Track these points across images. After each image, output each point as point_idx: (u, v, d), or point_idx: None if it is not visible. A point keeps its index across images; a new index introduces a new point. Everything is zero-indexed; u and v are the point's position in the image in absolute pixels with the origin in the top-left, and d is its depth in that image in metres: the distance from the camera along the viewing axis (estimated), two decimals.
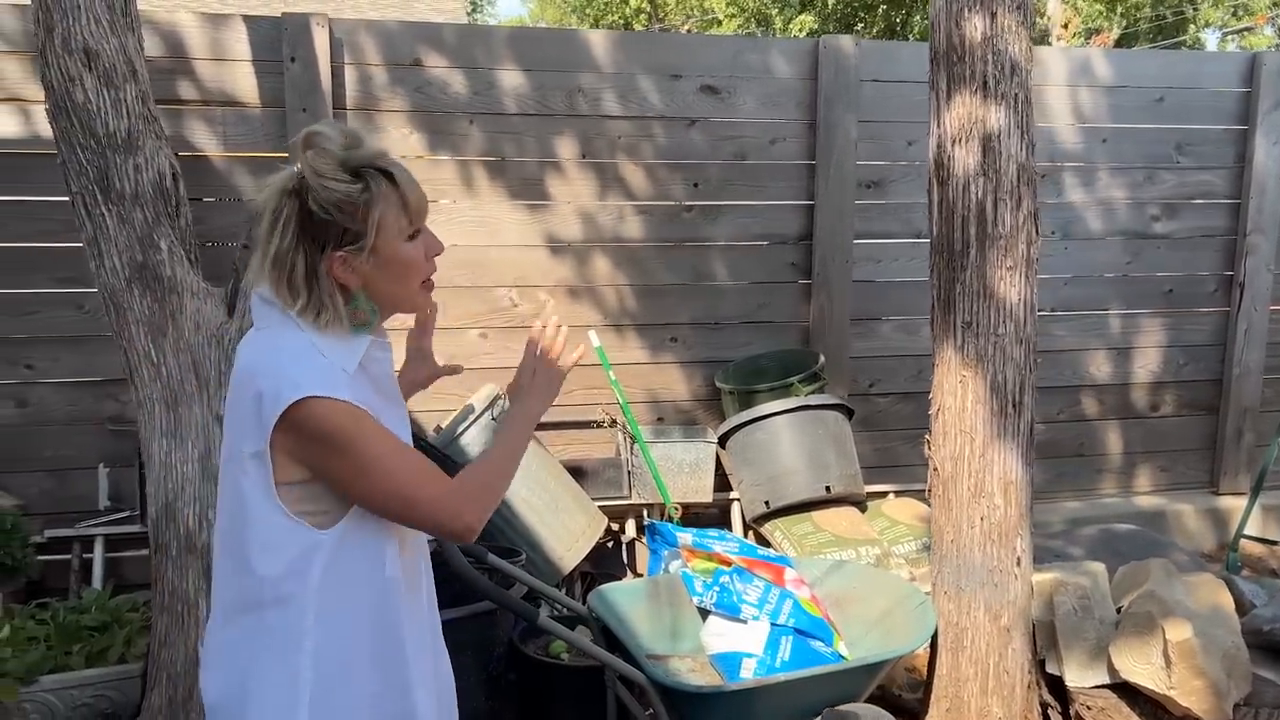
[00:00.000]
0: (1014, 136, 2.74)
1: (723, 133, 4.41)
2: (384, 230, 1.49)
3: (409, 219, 1.52)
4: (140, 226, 2.78)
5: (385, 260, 1.51)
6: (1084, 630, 2.93)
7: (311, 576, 1.48)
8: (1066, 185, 4.79)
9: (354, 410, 1.44)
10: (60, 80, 2.70)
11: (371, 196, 1.47)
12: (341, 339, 1.50)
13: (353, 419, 1.44)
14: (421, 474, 1.50)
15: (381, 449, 1.46)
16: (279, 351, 1.48)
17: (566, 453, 4.29)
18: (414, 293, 1.58)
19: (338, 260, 1.48)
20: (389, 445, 1.47)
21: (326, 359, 1.47)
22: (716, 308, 4.50)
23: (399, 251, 1.52)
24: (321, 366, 1.46)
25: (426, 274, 1.59)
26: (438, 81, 4.11)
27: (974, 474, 2.85)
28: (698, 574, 3.03)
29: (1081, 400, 4.95)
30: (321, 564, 1.48)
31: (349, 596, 1.51)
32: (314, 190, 1.45)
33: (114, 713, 3.08)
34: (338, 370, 1.47)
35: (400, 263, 1.53)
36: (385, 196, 1.49)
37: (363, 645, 1.52)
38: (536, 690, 3.24)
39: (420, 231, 1.55)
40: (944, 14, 2.76)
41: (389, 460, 1.46)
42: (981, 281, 2.79)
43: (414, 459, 1.51)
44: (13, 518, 3.52)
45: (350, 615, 1.51)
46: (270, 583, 1.47)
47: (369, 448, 1.45)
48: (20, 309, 3.85)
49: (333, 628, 1.49)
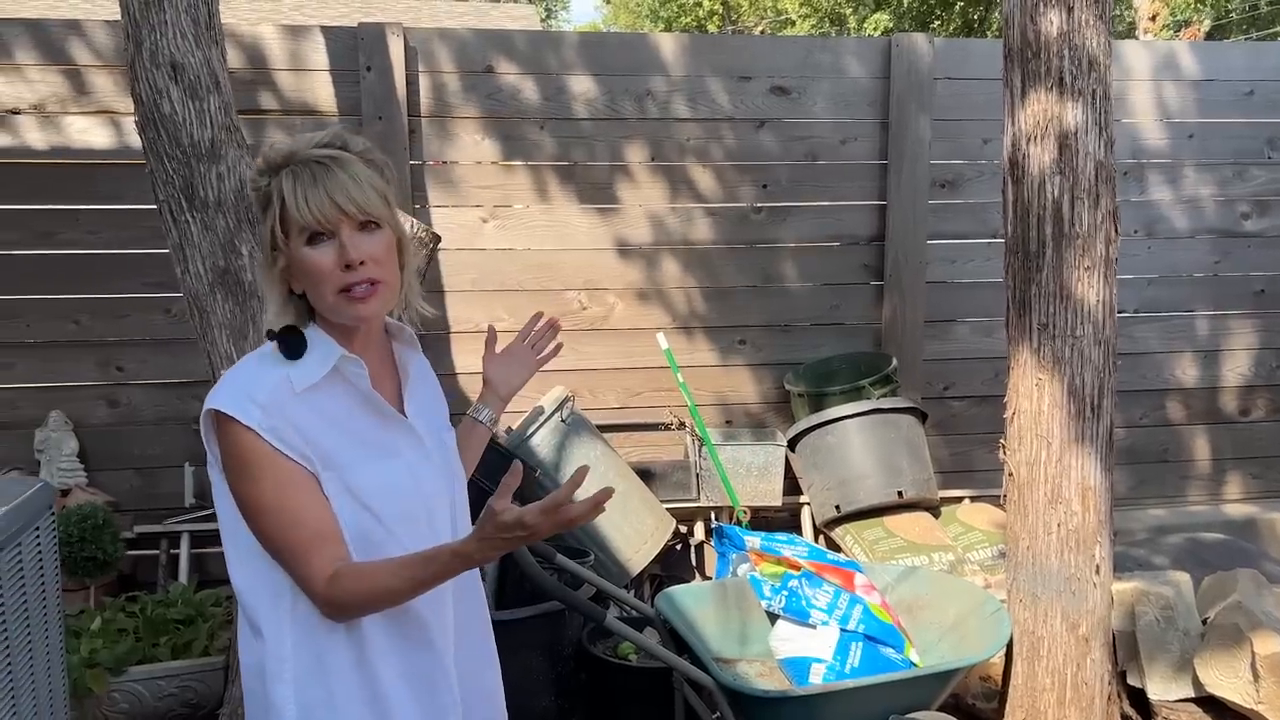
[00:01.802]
0: (1092, 133, 2.67)
1: (793, 133, 4.38)
2: (285, 231, 1.42)
3: (297, 220, 1.40)
4: (223, 233, 2.87)
5: (295, 263, 1.43)
6: (1167, 642, 2.84)
7: (283, 600, 1.42)
8: (1151, 183, 4.65)
9: (256, 444, 1.36)
10: (148, 93, 2.80)
11: (270, 191, 1.43)
12: (315, 349, 1.45)
13: (251, 452, 1.36)
14: (297, 549, 1.38)
15: (267, 502, 1.37)
16: (241, 363, 1.48)
17: (635, 455, 4.30)
18: (330, 303, 1.44)
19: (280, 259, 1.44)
20: (276, 503, 1.37)
21: (280, 373, 1.41)
22: (786, 310, 4.47)
23: (301, 256, 1.42)
24: (251, 384, 1.40)
25: (341, 282, 1.42)
26: (509, 88, 4.16)
27: (1050, 479, 2.79)
28: (766, 578, 3.02)
29: (1166, 404, 4.80)
30: (288, 590, 1.41)
31: (323, 629, 1.42)
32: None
33: (198, 703, 3.18)
34: (269, 387, 1.39)
35: (305, 267, 1.42)
36: (276, 193, 1.42)
37: (346, 679, 1.44)
38: (605, 691, 3.26)
39: (324, 236, 1.41)
40: (1019, 9, 2.71)
41: (269, 517, 1.38)
42: (1058, 282, 2.73)
43: (296, 532, 1.38)
44: (105, 513, 3.66)
45: (329, 645, 1.43)
46: (247, 599, 1.44)
47: (256, 495, 1.38)
48: (112, 313, 4.01)
49: (310, 658, 1.42)
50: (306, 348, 1.45)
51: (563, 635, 3.24)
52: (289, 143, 1.44)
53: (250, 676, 1.47)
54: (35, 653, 1.79)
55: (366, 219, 1.43)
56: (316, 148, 1.43)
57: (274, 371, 1.42)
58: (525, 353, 1.89)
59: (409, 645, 1.49)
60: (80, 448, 3.97)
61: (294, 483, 1.38)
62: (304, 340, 1.46)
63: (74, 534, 3.53)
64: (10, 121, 3.88)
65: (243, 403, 1.37)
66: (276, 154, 1.43)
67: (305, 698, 1.42)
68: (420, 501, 1.52)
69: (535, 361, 1.89)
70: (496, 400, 1.83)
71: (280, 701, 1.41)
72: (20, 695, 1.71)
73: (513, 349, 1.89)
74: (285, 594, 1.42)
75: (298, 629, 1.42)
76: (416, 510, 1.51)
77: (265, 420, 1.37)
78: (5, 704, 1.64)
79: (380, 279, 1.44)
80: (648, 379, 4.34)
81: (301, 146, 1.43)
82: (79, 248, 3.97)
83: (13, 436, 3.94)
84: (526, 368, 1.88)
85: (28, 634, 1.76)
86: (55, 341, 3.98)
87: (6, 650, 1.67)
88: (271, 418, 1.37)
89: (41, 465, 3.92)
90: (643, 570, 3.79)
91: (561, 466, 3.71)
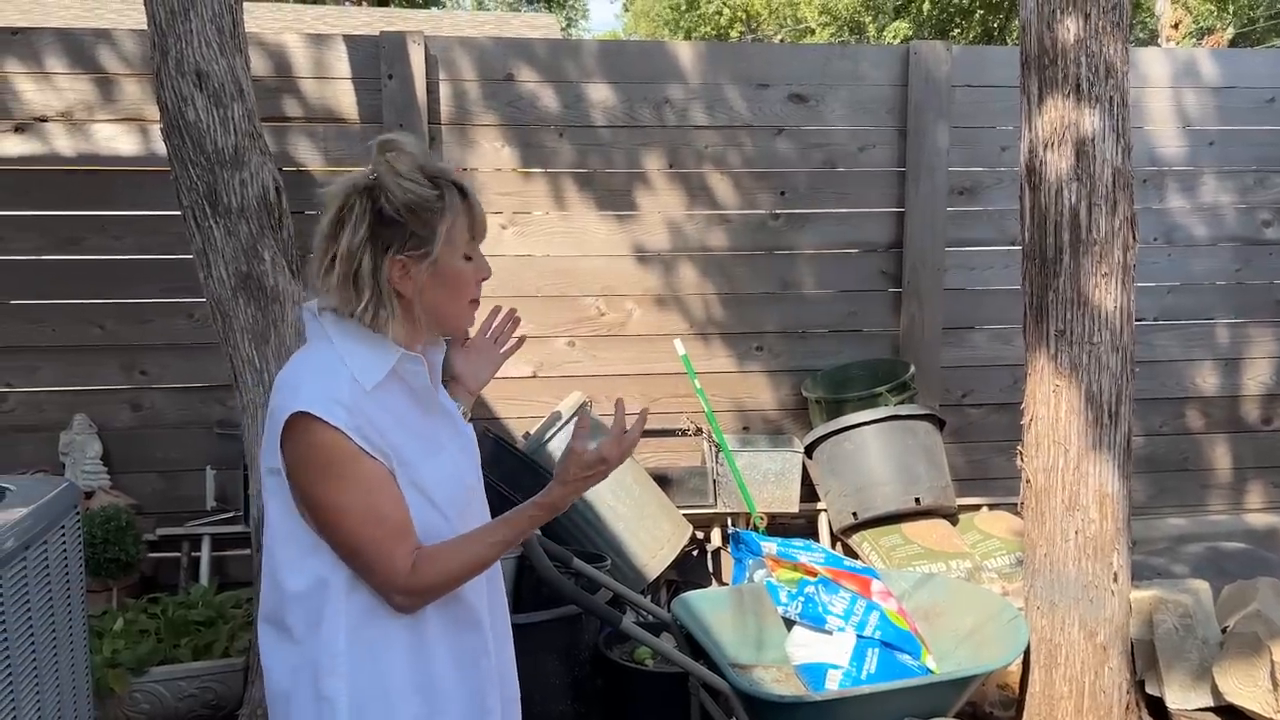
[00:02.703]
0: (1109, 140, 2.67)
1: (811, 141, 4.39)
2: (449, 242, 1.48)
3: (472, 235, 1.52)
4: (245, 239, 2.91)
5: (442, 272, 1.48)
6: (1186, 650, 2.83)
7: (338, 599, 1.45)
8: (1170, 190, 4.63)
9: (343, 444, 1.39)
10: (173, 100, 2.85)
11: (444, 205, 1.47)
12: (374, 349, 1.47)
13: (337, 452, 1.39)
14: (383, 545, 1.42)
15: (352, 501, 1.40)
16: (302, 365, 1.49)
17: (652, 460, 4.31)
18: (462, 309, 1.55)
19: (398, 265, 1.45)
20: (363, 501, 1.41)
21: (346, 373, 1.44)
22: (804, 316, 4.47)
23: (456, 266, 1.50)
24: (330, 385, 1.42)
25: (474, 294, 1.55)
26: (529, 96, 4.20)
27: (1068, 486, 2.78)
28: (783, 584, 3.02)
29: (1185, 413, 4.76)
30: (343, 588, 1.45)
31: (377, 623, 1.47)
32: (389, 190, 1.43)
33: (218, 704, 3.21)
34: (347, 387, 1.43)
35: (456, 277, 1.51)
36: (456, 208, 1.48)
37: (399, 671, 1.48)
38: (621, 695, 3.26)
39: (476, 253, 1.54)
40: (1035, 16, 2.71)
41: (354, 516, 1.41)
42: (1075, 289, 2.72)
43: (381, 528, 1.42)
44: (128, 515, 3.71)
45: (383, 641, 1.47)
46: (299, 601, 1.46)
47: (340, 494, 1.40)
48: (136, 318, 4.06)
49: (366, 653, 1.46)
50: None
51: (579, 639, 3.25)
52: (433, 159, 1.52)
53: (286, 677, 1.48)
54: (60, 649, 1.82)
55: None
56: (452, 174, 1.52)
57: (341, 371, 1.44)
58: (490, 347, 1.94)
59: (459, 628, 1.55)
60: (104, 450, 4.02)
61: (379, 480, 1.43)
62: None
63: (97, 535, 3.58)
64: (39, 128, 3.94)
65: (328, 404, 1.40)
66: (438, 164, 1.50)
67: (359, 690, 1.45)
68: (465, 491, 1.59)
69: (499, 355, 1.94)
70: (466, 395, 1.87)
71: (333, 694, 1.44)
72: (45, 691, 1.74)
73: (476, 343, 1.93)
74: (341, 589, 1.45)
75: (351, 622, 1.45)
76: (463, 499, 1.58)
77: (350, 420, 1.40)
78: (31, 699, 1.67)
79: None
80: (665, 385, 4.35)
81: (447, 168, 1.52)
82: (104, 253, 4.03)
83: (38, 439, 3.99)
84: (492, 362, 1.93)
85: (53, 631, 1.79)
86: (80, 346, 4.03)
87: (33, 647, 1.70)
88: (355, 417, 1.41)
89: (66, 467, 3.97)
90: (659, 576, 3.80)
91: None
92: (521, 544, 2.39)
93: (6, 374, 4.01)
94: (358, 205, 1.45)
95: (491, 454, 3.45)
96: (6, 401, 4.02)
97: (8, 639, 1.58)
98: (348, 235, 1.44)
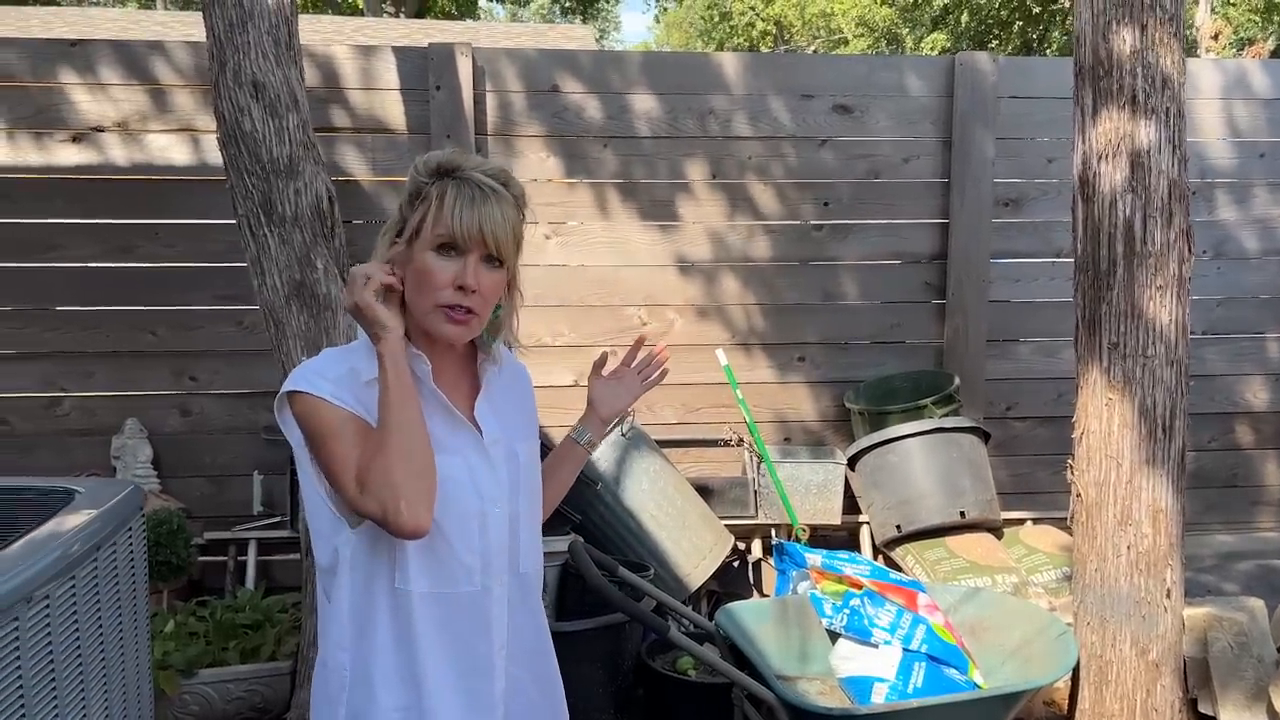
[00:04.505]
0: (1165, 151, 2.65)
1: (855, 151, 4.38)
2: (422, 229, 1.48)
3: (442, 227, 1.47)
4: (299, 247, 2.95)
5: (414, 262, 1.49)
6: (1241, 669, 2.78)
7: (344, 574, 1.49)
8: (1219, 203, 4.57)
9: (324, 407, 1.43)
10: (231, 110, 2.90)
11: (428, 193, 1.49)
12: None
13: (321, 411, 1.43)
14: (350, 459, 1.42)
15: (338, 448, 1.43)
16: (315, 357, 1.56)
17: (693, 471, 4.31)
18: (427, 310, 1.50)
19: (394, 250, 1.51)
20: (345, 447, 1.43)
21: (348, 363, 1.49)
22: (846, 327, 4.46)
23: (423, 258, 1.48)
24: (324, 367, 1.48)
25: (447, 300, 1.48)
26: (574, 106, 4.22)
27: (1120, 500, 2.75)
28: (827, 596, 3.00)
29: (1235, 428, 4.69)
30: (349, 563, 1.49)
31: (372, 603, 1.49)
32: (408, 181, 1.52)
33: (265, 707, 3.25)
34: (341, 371, 1.48)
35: (420, 270, 1.48)
36: (435, 196, 1.48)
37: (387, 657, 1.49)
38: (663, 705, 3.26)
39: (454, 251, 1.48)
40: (1090, 28, 2.70)
41: (332, 444, 1.43)
42: (1129, 301, 2.70)
43: (351, 450, 1.43)
44: (178, 519, 3.76)
45: (375, 623, 1.49)
46: (324, 573, 1.52)
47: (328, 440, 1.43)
48: (187, 324, 4.12)
49: (363, 633, 1.49)
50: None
51: (623, 648, 3.26)
52: (457, 155, 1.52)
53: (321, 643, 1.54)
54: (126, 650, 1.85)
55: (495, 255, 1.50)
56: (483, 173, 1.50)
57: (343, 363, 1.50)
58: (631, 378, 1.91)
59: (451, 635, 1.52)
60: (154, 455, 4.08)
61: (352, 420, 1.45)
62: None
63: (149, 539, 3.62)
64: (94, 138, 4.03)
65: (313, 380, 1.45)
66: (446, 160, 1.51)
67: (357, 665, 1.48)
68: (476, 502, 1.54)
69: (641, 387, 1.92)
70: (597, 422, 1.85)
71: (338, 666, 1.49)
72: (112, 691, 1.77)
73: (620, 373, 1.91)
74: (347, 565, 1.49)
75: (353, 599, 1.49)
76: (469, 509, 1.53)
77: (335, 391, 1.45)
78: (99, 697, 1.70)
79: (478, 312, 1.51)
80: (707, 395, 4.35)
81: (469, 164, 1.50)
82: (156, 261, 4.10)
83: (91, 443, 4.07)
84: (631, 393, 1.90)
85: (120, 632, 1.82)
86: (132, 351, 4.11)
87: (101, 648, 1.73)
88: (341, 390, 1.45)
89: (118, 471, 4.04)
90: (701, 586, 3.79)
91: (622, 480, 3.74)
92: (568, 551, 2.41)
93: (61, 379, 4.09)
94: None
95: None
96: (61, 406, 4.09)
97: (80, 640, 1.61)
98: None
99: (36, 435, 4.08)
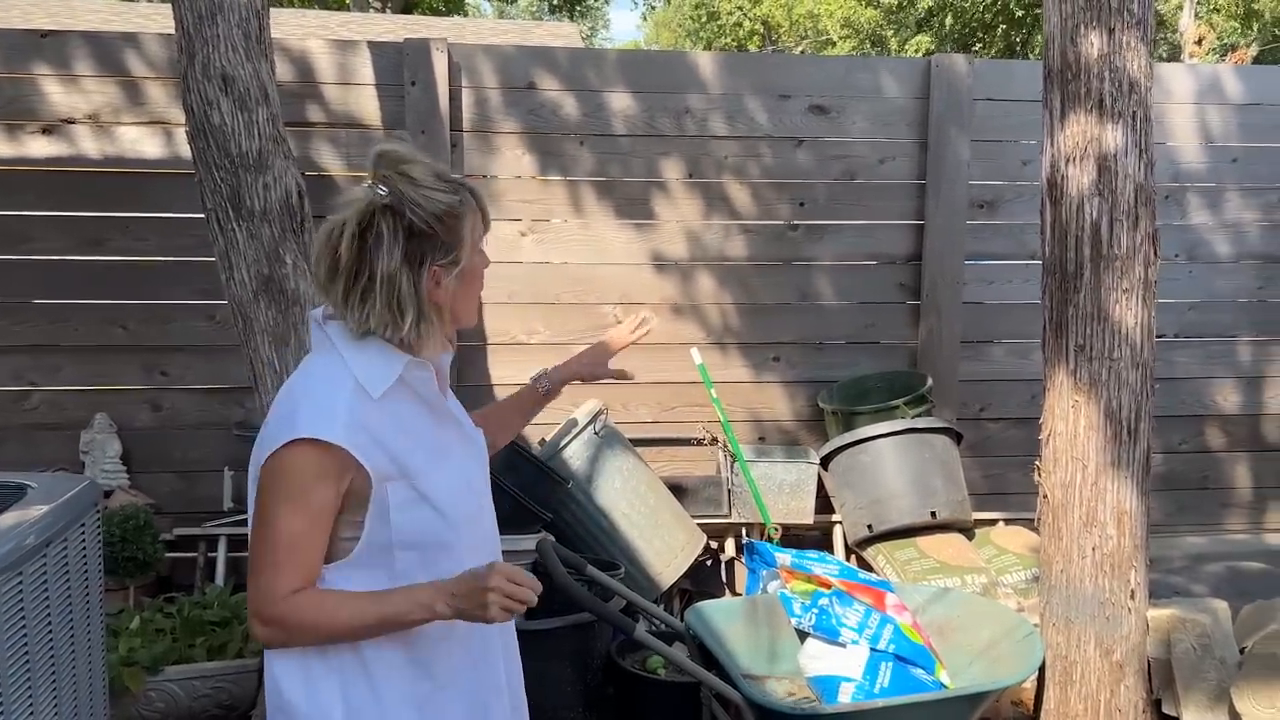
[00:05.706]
0: (1132, 155, 2.66)
1: (831, 152, 4.39)
2: (472, 242, 1.49)
3: (486, 229, 1.53)
4: (268, 242, 2.93)
5: (466, 273, 1.48)
6: (1203, 670, 2.80)
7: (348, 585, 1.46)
8: (1191, 206, 4.60)
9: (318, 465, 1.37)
10: (199, 104, 2.87)
11: (465, 207, 1.47)
12: (381, 357, 1.45)
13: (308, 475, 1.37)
14: (281, 568, 1.38)
15: (289, 525, 1.38)
16: (301, 383, 1.47)
17: (667, 469, 4.31)
18: (476, 304, 1.57)
19: (432, 276, 1.44)
20: (298, 527, 1.38)
21: (349, 384, 1.42)
22: (821, 327, 4.47)
23: (475, 264, 1.51)
24: (327, 402, 1.41)
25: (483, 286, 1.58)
26: (550, 104, 4.21)
27: (1086, 502, 2.76)
28: (796, 595, 3.01)
29: (1205, 431, 4.73)
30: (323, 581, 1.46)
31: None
32: (414, 203, 1.41)
33: (231, 704, 3.22)
34: (347, 400, 1.41)
35: (475, 274, 1.52)
36: (473, 209, 1.49)
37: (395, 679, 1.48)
38: (632, 704, 3.26)
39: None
40: (1059, 31, 2.70)
41: (280, 534, 1.38)
42: (1096, 304, 2.71)
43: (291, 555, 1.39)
44: (146, 515, 3.73)
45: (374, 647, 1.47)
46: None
47: (285, 515, 1.38)
48: (159, 318, 4.09)
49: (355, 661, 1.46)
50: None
51: (592, 647, 3.25)
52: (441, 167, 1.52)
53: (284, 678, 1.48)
54: (78, 647, 1.83)
55: None
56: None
57: (344, 383, 1.42)
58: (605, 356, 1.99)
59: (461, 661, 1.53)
60: (123, 450, 4.05)
61: (324, 515, 1.40)
62: None
63: (115, 535, 3.60)
64: (66, 130, 3.99)
65: (324, 424, 1.38)
66: (440, 170, 1.50)
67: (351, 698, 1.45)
68: (474, 499, 1.58)
69: (607, 372, 1.98)
70: (564, 373, 1.92)
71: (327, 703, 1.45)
72: (62, 686, 1.75)
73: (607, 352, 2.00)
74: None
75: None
76: (473, 508, 1.56)
77: (348, 436, 1.38)
78: (48, 695, 1.68)
79: None
80: (681, 394, 4.35)
81: (445, 167, 1.53)
82: (127, 254, 4.07)
83: (60, 437, 4.03)
84: (601, 367, 1.98)
85: (71, 628, 1.81)
86: (103, 346, 4.07)
87: (51, 643, 1.71)
88: (354, 433, 1.39)
89: (86, 466, 4.00)
90: (672, 585, 3.79)
91: (594, 479, 3.73)
92: (536, 549, 2.41)
93: (30, 373, 4.05)
94: (384, 226, 1.42)
95: (507, 460, 3.46)
96: (30, 400, 4.06)
97: (27, 635, 1.60)
98: (383, 260, 1.40)
99: (4, 429, 4.04)
